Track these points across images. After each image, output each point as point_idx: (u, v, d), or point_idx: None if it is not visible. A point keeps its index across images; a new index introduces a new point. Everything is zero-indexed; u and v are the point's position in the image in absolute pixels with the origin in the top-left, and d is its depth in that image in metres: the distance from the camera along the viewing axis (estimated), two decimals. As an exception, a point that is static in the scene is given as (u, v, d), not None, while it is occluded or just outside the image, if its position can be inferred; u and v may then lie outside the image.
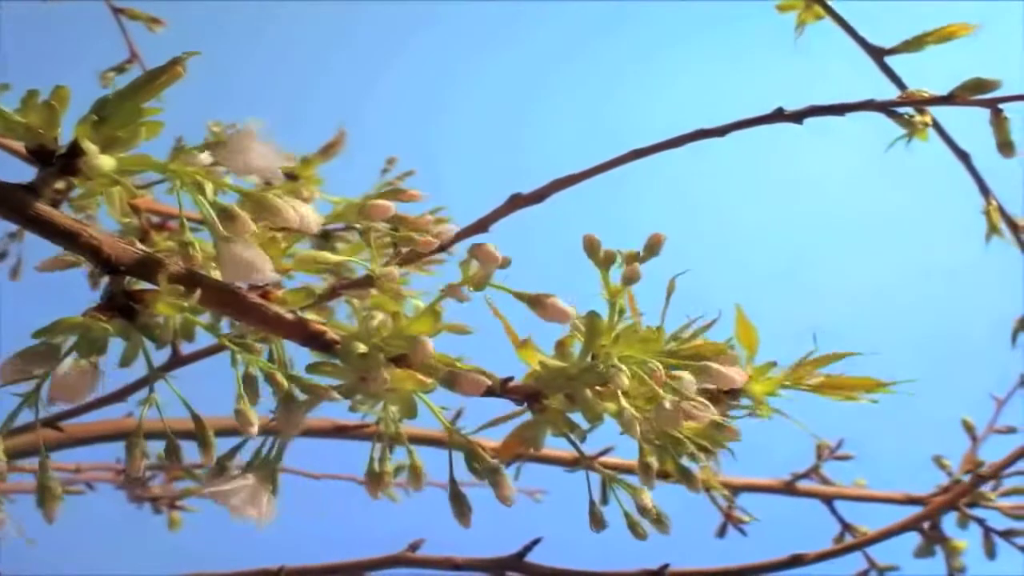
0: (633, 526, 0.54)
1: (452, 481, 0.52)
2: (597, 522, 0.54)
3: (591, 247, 0.53)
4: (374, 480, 0.51)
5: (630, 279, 0.53)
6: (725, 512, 0.85)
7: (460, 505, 0.52)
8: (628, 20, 1.71)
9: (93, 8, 0.98)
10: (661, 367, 0.50)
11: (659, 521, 0.53)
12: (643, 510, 0.54)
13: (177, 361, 0.66)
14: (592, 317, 0.51)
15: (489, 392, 0.51)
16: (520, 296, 0.52)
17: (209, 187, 0.44)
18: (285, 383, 0.47)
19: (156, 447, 0.52)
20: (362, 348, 0.46)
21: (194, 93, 0.50)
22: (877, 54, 0.84)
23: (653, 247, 0.54)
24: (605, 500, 0.79)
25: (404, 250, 0.54)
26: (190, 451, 0.54)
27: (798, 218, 1.56)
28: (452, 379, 0.48)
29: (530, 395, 0.51)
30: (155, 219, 0.80)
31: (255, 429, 0.47)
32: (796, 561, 0.64)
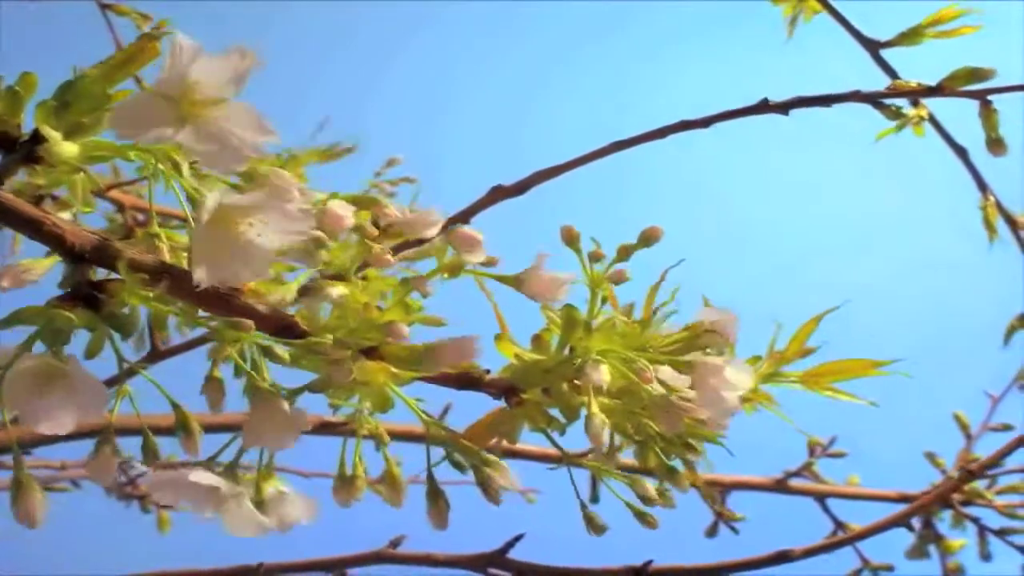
0: (641, 516, 0.53)
1: (430, 476, 0.51)
2: (595, 527, 0.53)
3: (569, 238, 0.52)
4: (345, 485, 0.50)
5: (616, 281, 0.52)
6: (716, 510, 0.83)
7: (438, 501, 0.51)
8: (628, 20, 1.71)
9: (81, 6, 0.98)
10: (650, 366, 0.49)
11: (664, 498, 0.52)
12: (647, 500, 0.53)
13: (156, 355, 0.65)
14: (568, 309, 0.50)
15: (468, 383, 0.50)
16: (503, 279, 0.51)
17: (185, 166, 0.43)
18: (286, 356, 0.46)
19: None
20: (331, 339, 0.45)
21: None
22: (873, 47, 0.83)
23: (648, 239, 0.53)
24: (595, 497, 0.77)
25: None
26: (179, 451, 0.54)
27: (796, 215, 1.55)
28: (433, 353, 0.47)
29: (507, 389, 0.50)
30: (140, 217, 0.79)
31: (285, 405, 0.46)
32: (782, 557, 0.63)
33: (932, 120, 0.84)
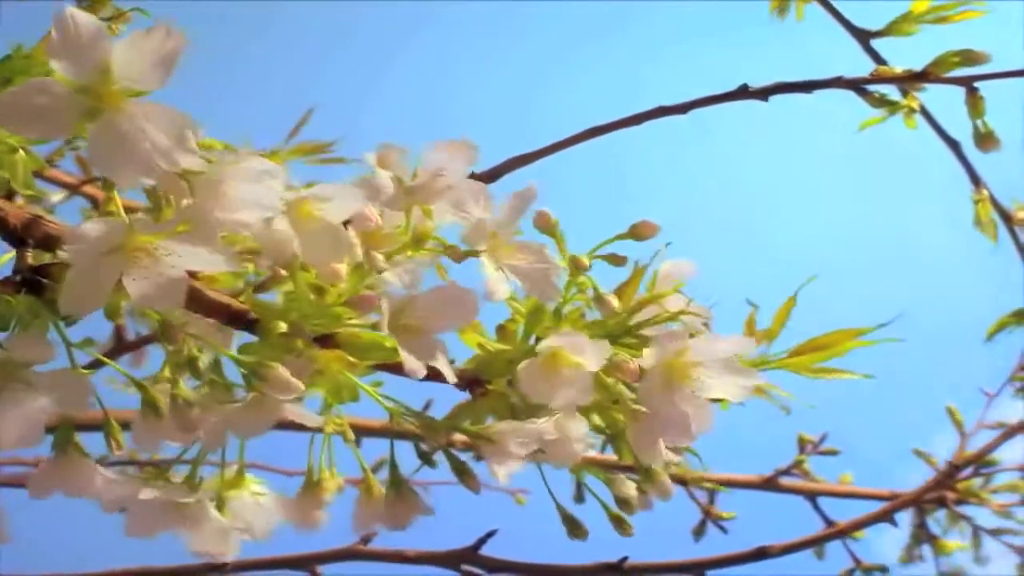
0: (618, 521, 0.51)
1: (392, 466, 0.49)
2: (576, 532, 0.51)
3: (544, 224, 0.50)
4: (307, 495, 0.49)
5: (604, 306, 0.50)
6: (704, 508, 0.82)
7: (401, 490, 0.49)
8: (628, 20, 1.70)
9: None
10: (631, 360, 0.47)
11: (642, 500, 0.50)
12: (623, 503, 0.51)
13: (122, 347, 0.64)
14: (532, 299, 0.48)
15: (430, 374, 0.49)
16: (470, 252, 0.48)
17: None
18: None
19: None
20: (283, 327, 0.43)
21: (194, 93, 0.47)
22: (863, 37, 0.81)
23: (639, 234, 0.51)
24: (580, 496, 0.76)
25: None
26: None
27: (788, 207, 1.55)
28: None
29: (470, 380, 0.48)
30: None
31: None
32: (761, 554, 0.62)
33: (924, 111, 0.82)
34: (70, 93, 0.36)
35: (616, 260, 0.51)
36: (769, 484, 0.91)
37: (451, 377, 0.45)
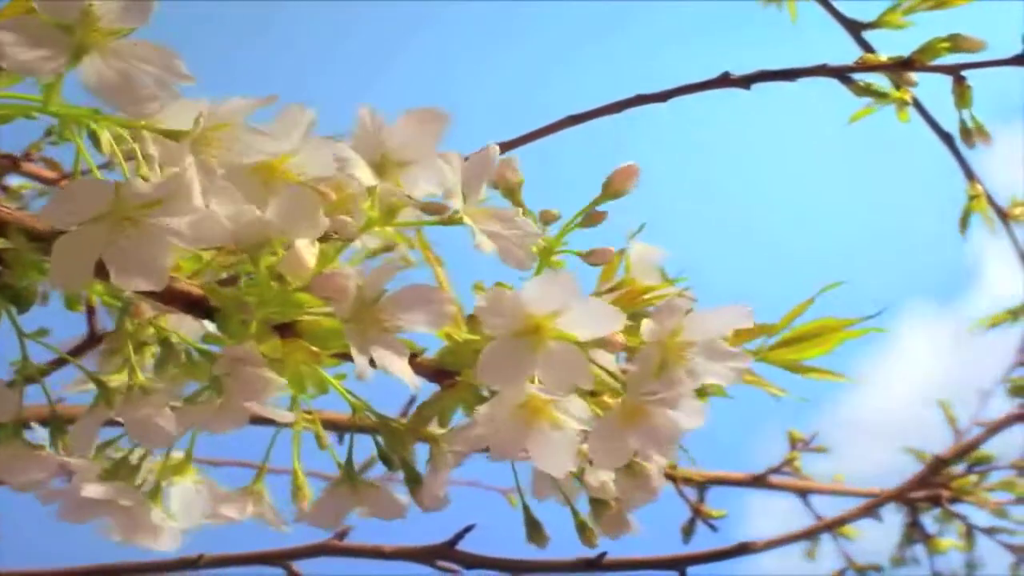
0: (583, 529, 0.49)
1: (348, 463, 0.48)
2: (536, 533, 0.49)
3: (505, 185, 0.48)
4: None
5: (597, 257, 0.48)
6: (694, 506, 0.80)
7: (354, 485, 0.48)
8: (628, 20, 1.70)
9: None
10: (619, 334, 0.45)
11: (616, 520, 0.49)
12: (597, 503, 0.49)
13: (95, 340, 0.62)
14: (498, 288, 0.47)
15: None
16: (450, 220, 0.45)
17: (105, 134, 0.40)
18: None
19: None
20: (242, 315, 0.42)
21: (193, 93, 0.46)
22: (855, 28, 0.79)
23: (614, 190, 0.48)
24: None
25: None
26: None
27: (783, 199, 1.54)
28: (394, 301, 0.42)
29: (439, 371, 0.47)
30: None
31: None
32: (743, 549, 0.60)
33: (916, 104, 0.80)
34: (55, 29, 0.37)
35: (594, 218, 0.48)
36: (759, 482, 0.90)
37: (412, 381, 0.43)
